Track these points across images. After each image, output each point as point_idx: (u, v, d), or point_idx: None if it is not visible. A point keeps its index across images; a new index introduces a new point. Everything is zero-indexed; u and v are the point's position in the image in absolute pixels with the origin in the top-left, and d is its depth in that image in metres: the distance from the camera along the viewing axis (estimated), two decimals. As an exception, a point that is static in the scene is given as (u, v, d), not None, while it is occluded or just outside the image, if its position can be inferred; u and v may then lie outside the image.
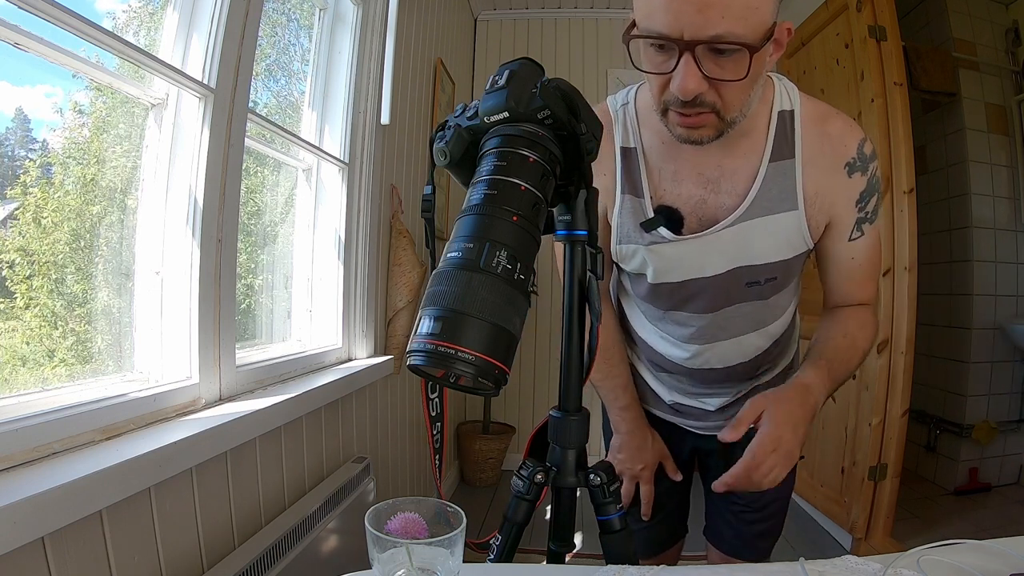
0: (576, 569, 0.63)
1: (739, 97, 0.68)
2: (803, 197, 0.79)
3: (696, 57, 0.62)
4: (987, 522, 2.38)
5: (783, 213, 0.79)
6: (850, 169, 0.79)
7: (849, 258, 0.84)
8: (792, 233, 0.81)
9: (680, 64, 0.63)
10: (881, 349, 2.11)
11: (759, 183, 0.79)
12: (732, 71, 0.64)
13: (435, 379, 0.46)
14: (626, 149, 0.84)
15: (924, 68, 2.55)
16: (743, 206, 0.79)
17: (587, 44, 3.22)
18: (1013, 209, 2.73)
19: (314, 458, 1.35)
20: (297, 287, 1.60)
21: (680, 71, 0.63)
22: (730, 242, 0.81)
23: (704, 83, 0.64)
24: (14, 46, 0.75)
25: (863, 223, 0.82)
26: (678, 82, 0.64)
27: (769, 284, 0.85)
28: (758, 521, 1.01)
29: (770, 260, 0.82)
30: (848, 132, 0.80)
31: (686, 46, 0.62)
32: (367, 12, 1.74)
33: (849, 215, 0.81)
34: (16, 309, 0.84)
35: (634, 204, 0.84)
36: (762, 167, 0.78)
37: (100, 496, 0.69)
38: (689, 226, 0.81)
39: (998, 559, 0.60)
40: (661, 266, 0.87)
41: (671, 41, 0.62)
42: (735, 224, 0.80)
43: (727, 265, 0.83)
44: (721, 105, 0.67)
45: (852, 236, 0.82)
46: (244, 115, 1.13)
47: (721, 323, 0.89)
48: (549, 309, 3.03)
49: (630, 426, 0.98)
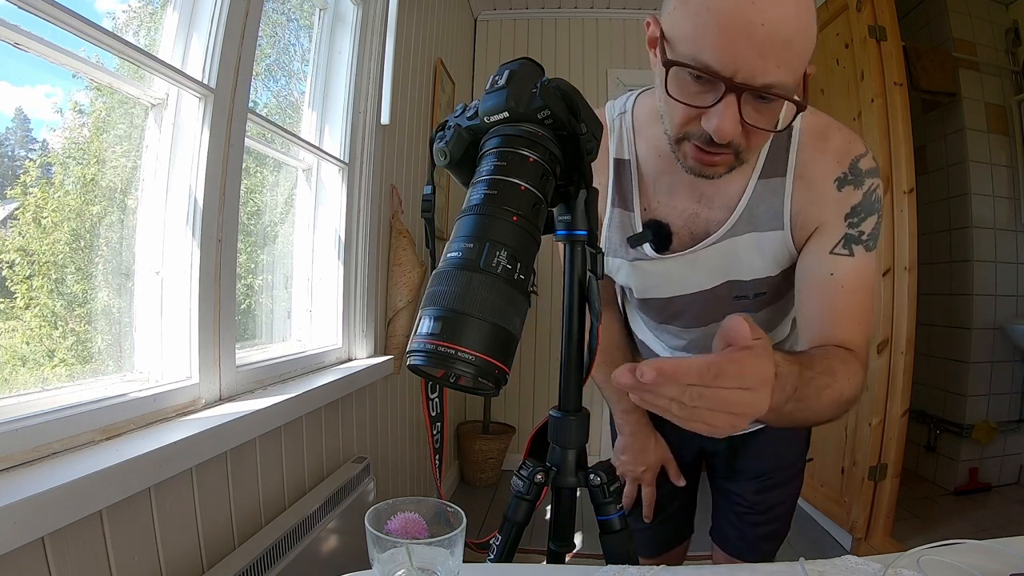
0: (576, 569, 0.63)
1: (762, 141, 0.65)
2: (789, 216, 0.74)
3: (739, 100, 0.58)
4: (987, 522, 2.38)
5: (769, 232, 0.75)
6: (840, 183, 0.73)
7: (828, 274, 0.72)
8: (779, 251, 0.77)
9: (721, 104, 0.58)
10: (881, 349, 2.11)
11: (746, 200, 0.75)
12: (768, 119, 0.61)
13: (435, 379, 0.46)
14: (620, 161, 0.81)
15: (924, 68, 2.55)
16: (728, 223, 0.76)
17: (587, 44, 3.22)
18: (1013, 209, 2.73)
19: (314, 458, 1.35)
20: (297, 287, 1.60)
21: (720, 112, 0.58)
22: (715, 259, 0.78)
23: (739, 127, 0.60)
24: (14, 46, 0.75)
25: (853, 242, 0.72)
26: (715, 124, 0.59)
27: (758, 299, 0.82)
28: (763, 523, 1.00)
29: (758, 276, 0.79)
30: (845, 146, 0.74)
31: (735, 88, 0.57)
32: (367, 12, 1.74)
33: (835, 227, 0.73)
34: (16, 309, 0.84)
35: (622, 218, 0.82)
36: (750, 184, 0.75)
37: (100, 496, 0.69)
38: (681, 239, 0.79)
39: (998, 559, 0.60)
40: (645, 282, 0.86)
41: (720, 79, 0.57)
42: (720, 241, 0.77)
43: (713, 281, 0.81)
44: (744, 147, 0.63)
45: (835, 249, 0.72)
46: (244, 115, 1.13)
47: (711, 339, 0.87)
48: (549, 309, 3.03)
49: (633, 428, 0.98)
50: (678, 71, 0.60)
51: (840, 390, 0.63)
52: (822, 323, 0.72)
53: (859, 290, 0.72)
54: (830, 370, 0.63)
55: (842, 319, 0.71)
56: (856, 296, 0.72)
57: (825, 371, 0.62)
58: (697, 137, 0.63)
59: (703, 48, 0.57)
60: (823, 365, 0.62)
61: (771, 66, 0.56)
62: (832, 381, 0.62)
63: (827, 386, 0.61)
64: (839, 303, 0.72)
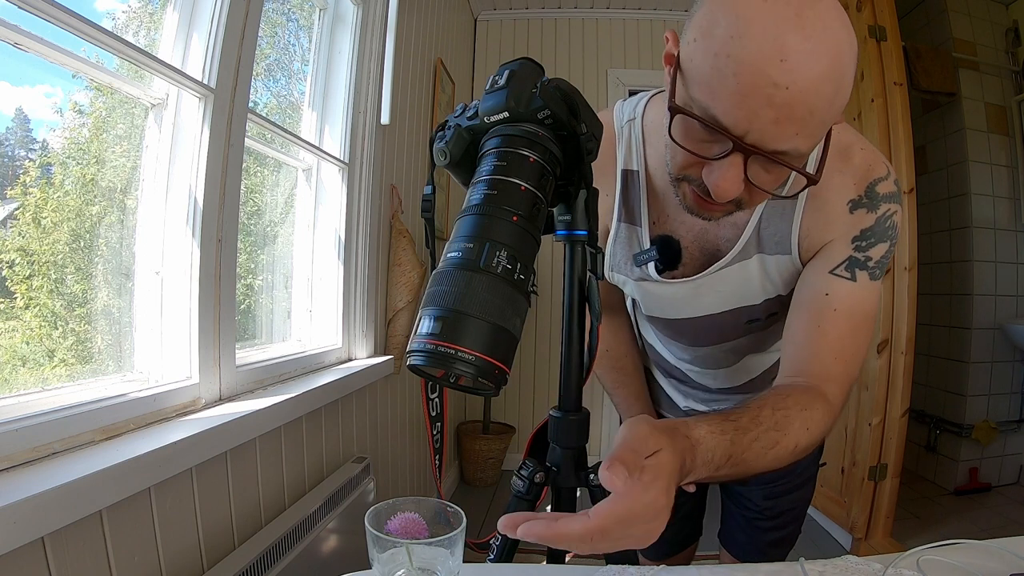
0: (576, 569, 0.63)
1: (765, 197, 0.60)
2: (797, 239, 0.69)
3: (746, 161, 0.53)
4: (987, 522, 2.38)
5: (777, 256, 0.71)
6: (853, 205, 0.67)
7: (823, 293, 0.66)
8: (788, 275, 0.72)
9: (726, 161, 0.53)
10: (881, 349, 2.11)
11: (754, 222, 0.71)
12: (775, 179, 0.56)
13: (435, 379, 0.46)
14: (628, 172, 0.76)
15: (924, 68, 2.55)
16: (738, 245, 0.71)
17: (587, 44, 3.22)
18: (1013, 209, 2.73)
19: (314, 458, 1.35)
20: (297, 287, 1.60)
21: (723, 169, 0.53)
22: (723, 284, 0.74)
23: (741, 187, 0.55)
24: (14, 46, 0.75)
25: (857, 266, 0.67)
26: (715, 181, 0.54)
27: (771, 318, 0.78)
28: (772, 529, 0.99)
29: (769, 296, 0.75)
30: (865, 168, 0.67)
31: (743, 150, 0.52)
32: (367, 12, 1.74)
33: (840, 247, 0.67)
34: (16, 309, 0.84)
35: (629, 233, 0.77)
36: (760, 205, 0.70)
37: (100, 496, 0.69)
38: (691, 255, 0.75)
39: (998, 559, 0.60)
40: (649, 303, 0.83)
41: (729, 137, 0.52)
42: (729, 266, 0.73)
43: (722, 307, 0.77)
44: (746, 201, 0.59)
45: (836, 270, 0.67)
46: (244, 115, 1.13)
47: (720, 354, 0.86)
48: (549, 309, 3.03)
49: None
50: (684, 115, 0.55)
51: (793, 443, 0.57)
52: (804, 348, 0.67)
53: (853, 319, 0.66)
54: (781, 424, 0.56)
55: (826, 347, 0.65)
56: (848, 324, 0.65)
57: (774, 427, 0.56)
58: (696, 184, 0.59)
59: (716, 100, 0.51)
60: (773, 420, 0.56)
61: (788, 134, 0.50)
62: (781, 437, 0.56)
63: (775, 443, 0.55)
64: (828, 327, 0.65)
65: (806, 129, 0.51)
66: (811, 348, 0.66)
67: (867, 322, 0.67)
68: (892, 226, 0.68)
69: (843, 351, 0.65)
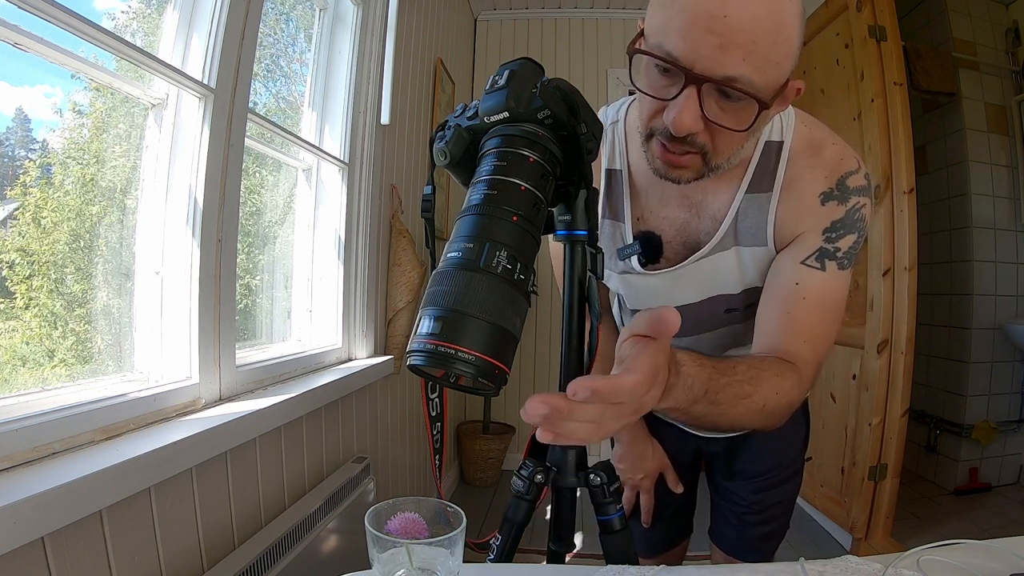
0: (576, 569, 0.63)
1: (731, 146, 0.63)
2: (772, 231, 0.73)
3: (700, 94, 0.57)
4: (987, 522, 2.38)
5: (753, 247, 0.74)
6: (824, 198, 0.71)
7: (793, 283, 0.70)
8: (764, 265, 0.76)
9: (681, 96, 0.58)
10: (881, 349, 2.11)
11: (732, 214, 0.74)
12: (733, 119, 0.59)
13: (435, 379, 0.46)
14: (611, 171, 0.81)
15: (924, 68, 2.55)
16: (715, 238, 0.75)
17: (587, 44, 3.22)
18: (1013, 209, 2.73)
19: (314, 458, 1.35)
20: (297, 287, 1.60)
21: (678, 103, 0.58)
22: (701, 274, 0.78)
23: (700, 123, 0.59)
24: (14, 46, 0.75)
25: (827, 256, 0.70)
26: (673, 115, 0.59)
27: (750, 309, 0.80)
28: (760, 523, 1.00)
29: (748, 287, 0.78)
30: (836, 162, 0.71)
31: (694, 79, 0.56)
32: (367, 12, 1.74)
33: (811, 239, 0.71)
34: (16, 309, 0.84)
35: (613, 229, 0.82)
36: (738, 197, 0.74)
37: (100, 496, 0.69)
38: (673, 248, 0.79)
39: (998, 559, 0.60)
40: (633, 295, 0.86)
41: (679, 69, 0.57)
42: (708, 256, 0.76)
43: (701, 295, 0.81)
44: (710, 149, 0.62)
45: (807, 260, 0.71)
46: (244, 115, 1.13)
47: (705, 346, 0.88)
48: (549, 309, 3.03)
49: (630, 436, 0.98)
50: (646, 63, 0.60)
51: (762, 400, 0.59)
52: (775, 332, 0.70)
53: (822, 306, 0.70)
54: (754, 379, 0.59)
55: (795, 331, 0.68)
56: (817, 311, 0.69)
57: (748, 380, 0.58)
58: (661, 132, 0.62)
59: (667, 38, 0.57)
60: (747, 374, 0.59)
61: (735, 59, 0.55)
62: (753, 391, 0.58)
63: (746, 395, 0.58)
64: (798, 314, 0.69)
65: (752, 57, 0.55)
66: (780, 332, 0.69)
67: (836, 309, 0.71)
68: (861, 218, 0.71)
69: (812, 334, 0.69)
